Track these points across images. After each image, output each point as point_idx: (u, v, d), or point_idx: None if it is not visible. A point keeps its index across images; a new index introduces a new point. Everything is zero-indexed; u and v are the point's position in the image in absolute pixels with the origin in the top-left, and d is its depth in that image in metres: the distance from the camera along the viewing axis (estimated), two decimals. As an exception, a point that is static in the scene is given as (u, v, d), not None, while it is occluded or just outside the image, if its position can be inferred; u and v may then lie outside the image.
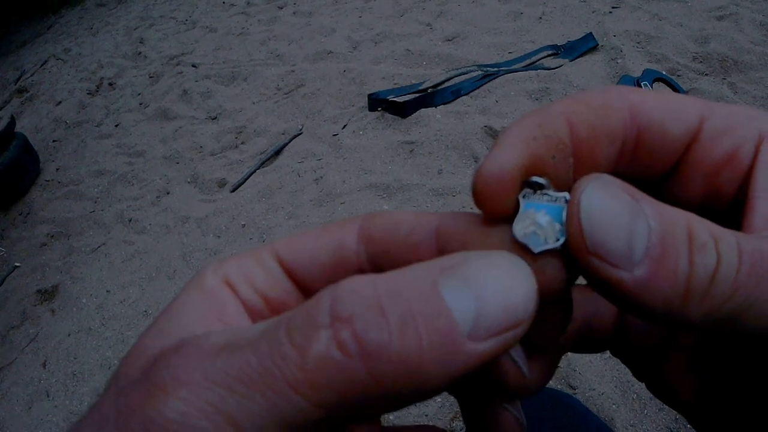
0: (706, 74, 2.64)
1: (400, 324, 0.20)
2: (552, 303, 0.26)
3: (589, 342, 0.34)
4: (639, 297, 0.21)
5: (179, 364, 0.22)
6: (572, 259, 0.23)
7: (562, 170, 0.26)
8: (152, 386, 0.22)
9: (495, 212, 0.25)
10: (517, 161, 0.24)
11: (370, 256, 0.28)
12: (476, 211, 0.26)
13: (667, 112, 0.26)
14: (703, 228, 0.21)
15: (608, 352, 0.36)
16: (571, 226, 0.22)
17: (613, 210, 0.22)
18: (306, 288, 0.29)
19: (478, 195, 0.25)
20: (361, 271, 0.29)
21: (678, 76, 2.65)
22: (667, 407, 1.58)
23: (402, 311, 0.21)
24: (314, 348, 0.20)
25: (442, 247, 0.26)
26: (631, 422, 1.58)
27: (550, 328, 0.28)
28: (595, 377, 1.68)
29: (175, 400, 0.21)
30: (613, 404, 1.62)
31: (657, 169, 0.28)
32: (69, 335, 2.49)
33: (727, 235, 0.22)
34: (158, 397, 0.21)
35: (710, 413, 0.31)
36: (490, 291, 0.21)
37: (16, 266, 3.06)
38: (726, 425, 0.30)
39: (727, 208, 0.27)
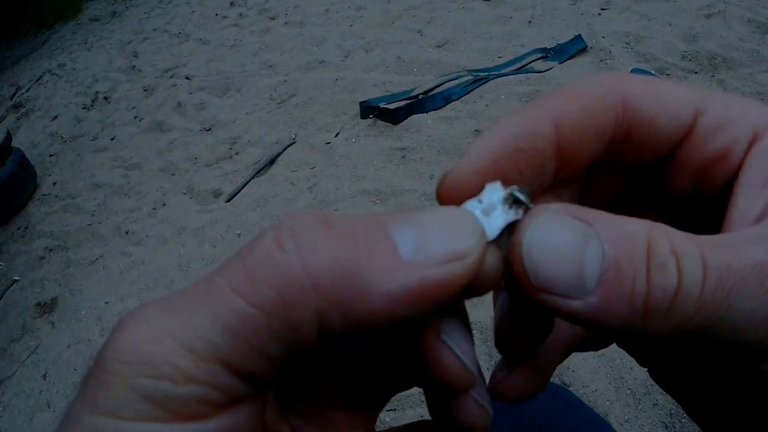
0: (695, 72, 2.67)
1: (339, 233, 0.21)
2: (520, 315, 0.27)
3: (592, 341, 0.33)
4: (595, 321, 0.21)
5: (138, 308, 0.22)
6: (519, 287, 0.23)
7: (534, 180, 0.26)
8: (111, 332, 0.21)
9: None
10: (476, 179, 0.25)
11: None
12: None
13: (660, 107, 0.26)
14: (665, 244, 0.21)
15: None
16: (515, 265, 0.22)
17: (559, 243, 0.21)
18: None
19: (441, 202, 0.26)
20: None
21: (667, 74, 2.68)
22: (661, 402, 1.59)
23: (344, 227, 0.22)
24: (256, 250, 0.21)
25: None
26: (626, 418, 1.58)
27: (525, 339, 0.28)
28: (588, 374, 1.69)
29: (127, 334, 0.21)
30: (607, 400, 1.63)
31: (646, 160, 0.28)
32: (69, 347, 2.51)
33: (691, 248, 0.21)
34: (113, 337, 0.21)
35: (707, 403, 0.30)
36: (432, 223, 0.22)
37: (16, 280, 3.07)
38: (723, 416, 0.29)
39: (716, 198, 0.27)
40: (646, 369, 0.34)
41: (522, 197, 0.24)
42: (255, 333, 0.20)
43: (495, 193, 0.25)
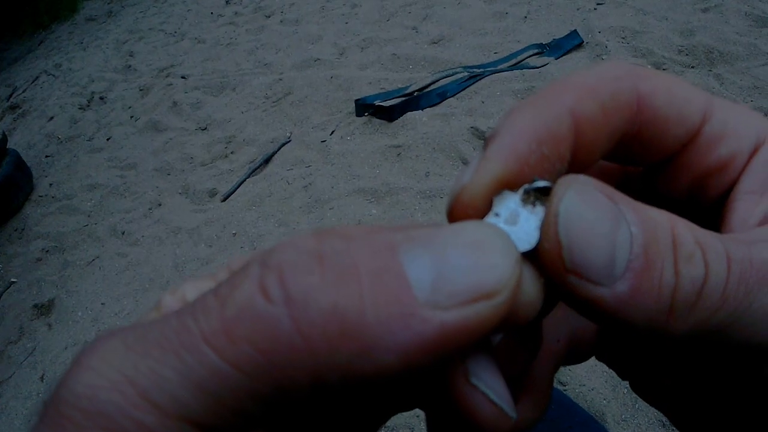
0: (692, 66, 2.66)
1: (337, 273, 0.17)
2: (518, 329, 0.24)
3: (574, 354, 0.31)
4: (619, 314, 0.19)
5: (102, 337, 0.19)
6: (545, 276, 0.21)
7: (551, 175, 0.23)
8: (72, 365, 0.19)
9: None
10: (496, 189, 0.22)
11: None
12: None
13: (672, 109, 0.24)
14: (689, 234, 0.20)
15: None
16: (547, 241, 0.20)
17: (593, 218, 0.19)
18: None
19: (453, 217, 0.22)
20: None
21: (664, 69, 2.66)
22: (659, 401, 1.59)
23: (343, 263, 0.18)
24: (236, 294, 0.18)
25: None
26: (623, 417, 1.58)
27: (517, 356, 0.26)
28: (584, 373, 1.69)
29: (87, 372, 0.18)
30: (604, 399, 1.62)
31: (647, 160, 0.27)
32: (66, 348, 2.50)
33: (714, 242, 0.20)
34: (73, 372, 0.18)
35: (692, 413, 0.29)
36: (455, 252, 0.18)
37: (13, 282, 3.07)
38: (706, 426, 0.29)
39: (709, 205, 0.26)
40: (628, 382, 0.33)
41: (546, 183, 0.21)
42: (231, 393, 0.17)
43: (508, 199, 0.22)
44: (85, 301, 2.72)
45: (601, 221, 0.19)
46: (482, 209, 0.22)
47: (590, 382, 1.66)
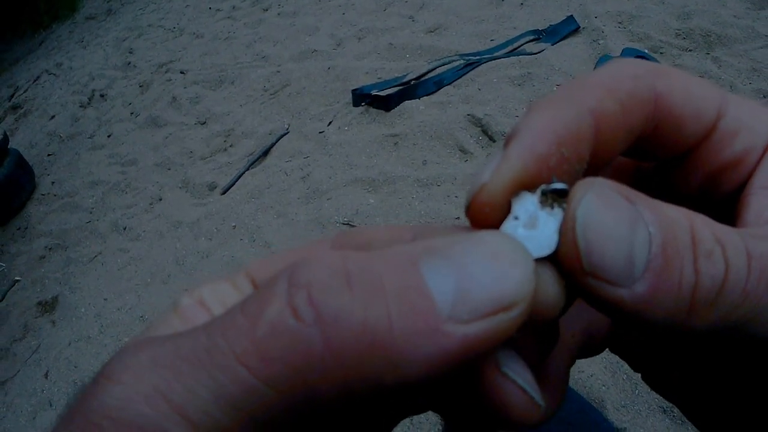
0: (690, 50, 2.64)
1: (365, 292, 0.18)
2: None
3: (588, 347, 0.32)
4: (639, 313, 0.20)
5: (129, 351, 0.20)
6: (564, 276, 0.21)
7: (570, 176, 0.23)
8: (99, 377, 0.19)
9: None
10: (517, 189, 0.22)
11: None
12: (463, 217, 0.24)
13: (688, 107, 0.25)
14: (707, 231, 0.20)
15: None
16: (565, 245, 0.20)
17: (611, 221, 0.20)
18: None
19: (474, 218, 0.23)
20: None
21: (661, 53, 2.65)
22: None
23: (370, 281, 0.18)
24: (266, 314, 0.18)
25: None
26: (623, 403, 1.58)
27: (533, 350, 0.26)
28: (583, 360, 1.68)
29: (117, 386, 0.18)
30: (603, 386, 1.62)
31: (663, 157, 0.27)
32: (69, 344, 2.53)
33: (733, 237, 0.20)
34: (102, 385, 0.19)
35: (703, 405, 0.30)
36: (475, 265, 0.19)
37: (17, 280, 3.09)
38: (719, 419, 0.29)
39: (722, 202, 0.26)
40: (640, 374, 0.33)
41: (563, 186, 0.22)
42: (263, 408, 0.18)
43: (527, 202, 0.22)
44: (88, 297, 2.74)
45: (618, 223, 0.20)
46: (501, 209, 0.22)
47: (589, 368, 1.66)
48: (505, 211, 0.22)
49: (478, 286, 0.18)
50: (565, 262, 0.21)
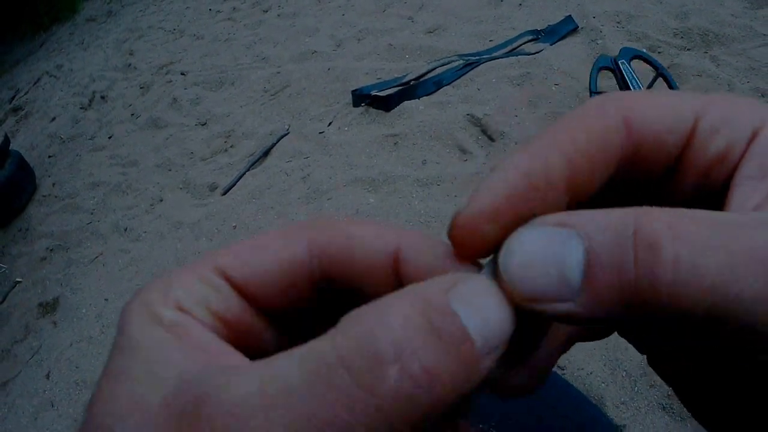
0: (688, 49, 2.64)
1: (447, 348, 0.20)
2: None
3: (593, 331, 0.33)
4: (592, 317, 0.21)
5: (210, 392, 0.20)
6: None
7: (550, 208, 0.25)
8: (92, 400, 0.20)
9: (469, 255, 0.25)
10: (488, 218, 0.24)
11: (323, 270, 0.27)
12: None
13: (662, 121, 0.25)
14: (655, 224, 0.20)
15: None
16: (500, 283, 0.22)
17: (535, 252, 0.22)
18: (258, 302, 0.28)
19: (453, 241, 0.25)
20: (314, 283, 0.28)
21: (659, 52, 2.66)
22: (658, 384, 1.57)
23: (446, 331, 0.20)
24: (385, 385, 0.19)
25: (401, 274, 0.26)
26: (622, 400, 1.58)
27: (522, 340, 0.27)
28: (583, 356, 1.68)
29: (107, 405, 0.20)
30: (603, 383, 1.62)
31: (655, 174, 0.27)
32: (71, 345, 2.53)
33: (686, 224, 0.20)
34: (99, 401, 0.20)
35: (708, 394, 0.29)
36: (488, 309, 0.21)
37: (18, 282, 3.10)
38: (721, 410, 0.29)
39: (716, 197, 0.26)
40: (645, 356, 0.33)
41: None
42: None
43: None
44: (89, 298, 2.75)
45: (545, 249, 0.21)
46: (475, 236, 0.24)
47: (588, 365, 1.66)
48: (477, 238, 0.24)
49: (492, 325, 0.21)
50: (511, 300, 0.22)
